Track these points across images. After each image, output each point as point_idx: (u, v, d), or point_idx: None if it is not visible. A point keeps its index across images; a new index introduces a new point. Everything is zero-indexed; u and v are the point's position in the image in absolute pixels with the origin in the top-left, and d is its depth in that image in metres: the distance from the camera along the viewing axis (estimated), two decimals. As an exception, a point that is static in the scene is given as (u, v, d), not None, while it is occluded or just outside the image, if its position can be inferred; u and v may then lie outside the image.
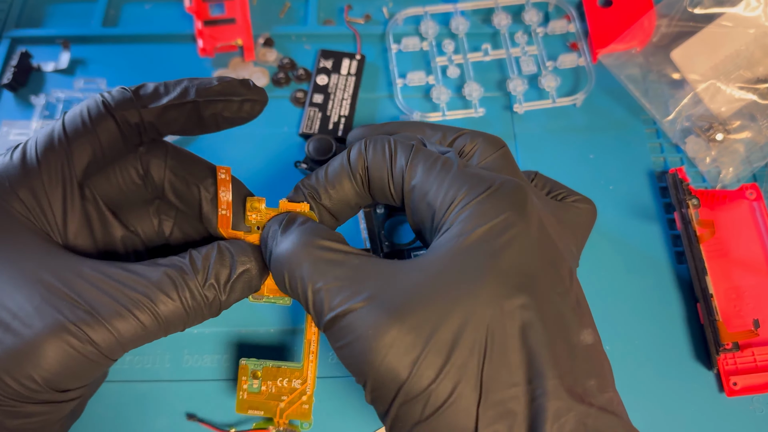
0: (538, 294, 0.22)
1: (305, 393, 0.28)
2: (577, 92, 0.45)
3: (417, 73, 0.46)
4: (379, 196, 0.27)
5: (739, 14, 0.43)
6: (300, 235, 0.25)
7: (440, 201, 0.24)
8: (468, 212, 0.23)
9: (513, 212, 0.23)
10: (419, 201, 0.25)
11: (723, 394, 0.36)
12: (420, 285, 0.22)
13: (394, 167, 0.26)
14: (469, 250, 0.23)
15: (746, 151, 0.42)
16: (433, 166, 0.25)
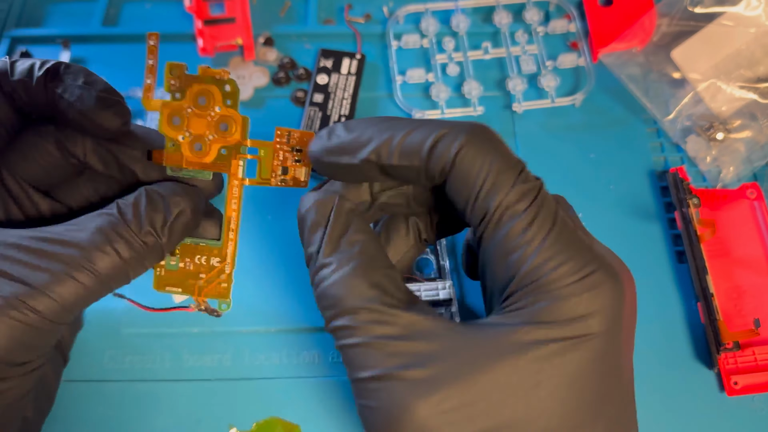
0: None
1: (224, 272, 0.27)
2: (576, 92, 0.45)
3: (417, 70, 0.46)
4: (454, 206, 0.23)
5: (740, 13, 0.43)
6: (355, 269, 0.22)
7: (521, 269, 0.21)
8: (556, 303, 0.20)
9: (604, 315, 0.21)
10: (498, 257, 0.22)
11: (724, 393, 0.36)
12: (472, 379, 0.20)
13: (482, 195, 0.22)
14: (543, 356, 0.20)
15: (747, 151, 0.42)
16: (530, 218, 0.21)
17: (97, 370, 0.37)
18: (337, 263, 0.23)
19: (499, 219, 0.22)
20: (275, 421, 0.35)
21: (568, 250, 0.21)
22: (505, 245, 0.21)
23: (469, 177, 0.22)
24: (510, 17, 0.47)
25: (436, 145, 0.22)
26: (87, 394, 0.36)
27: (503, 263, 0.22)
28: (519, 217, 0.21)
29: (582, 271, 0.21)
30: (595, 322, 0.21)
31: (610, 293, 0.21)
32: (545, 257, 0.21)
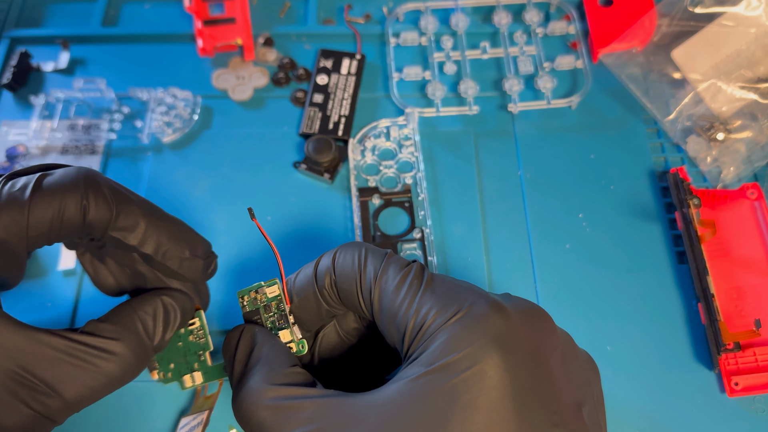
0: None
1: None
2: (573, 94, 0.45)
3: (413, 67, 0.46)
4: (354, 310, 0.26)
5: (740, 13, 0.43)
6: (256, 381, 0.24)
7: (407, 326, 0.23)
8: (435, 342, 0.21)
9: (483, 344, 0.21)
10: (389, 324, 0.24)
11: (724, 394, 0.36)
12: None
13: (363, 283, 0.24)
14: (433, 394, 0.21)
15: (747, 151, 0.42)
16: (402, 284, 0.23)
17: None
18: (246, 375, 0.25)
19: (379, 292, 0.24)
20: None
21: (438, 300, 0.23)
22: (389, 313, 0.23)
23: (348, 273, 0.25)
24: (510, 17, 0.47)
25: (318, 263, 0.26)
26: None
27: (393, 329, 0.24)
28: (392, 282, 0.24)
29: (450, 311, 0.22)
30: (473, 355, 0.21)
31: (481, 324, 0.22)
32: (421, 309, 0.23)
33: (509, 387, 0.21)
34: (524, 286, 0.39)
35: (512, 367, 0.21)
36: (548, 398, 0.22)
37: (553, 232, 0.41)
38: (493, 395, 0.21)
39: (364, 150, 0.43)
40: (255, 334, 0.26)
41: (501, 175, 0.43)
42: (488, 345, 0.21)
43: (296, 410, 0.22)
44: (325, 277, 0.25)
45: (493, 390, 0.21)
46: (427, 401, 0.21)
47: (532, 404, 0.21)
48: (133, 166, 0.43)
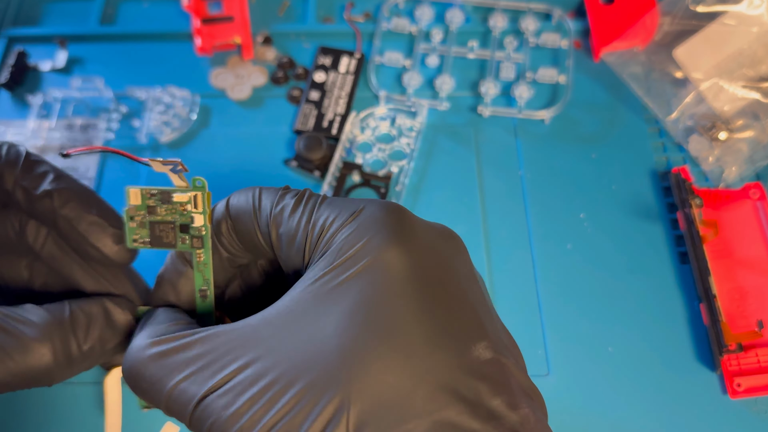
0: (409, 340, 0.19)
1: None
2: (550, 107, 0.44)
3: (395, 53, 0.46)
4: (255, 252, 0.25)
5: (742, 12, 0.42)
6: (137, 341, 0.22)
7: (306, 241, 0.22)
8: (332, 248, 0.20)
9: (383, 237, 0.20)
10: (289, 250, 0.22)
11: (726, 395, 0.36)
12: (270, 349, 0.20)
13: (260, 218, 0.23)
14: (333, 292, 0.20)
15: (749, 150, 0.42)
16: (297, 206, 0.22)
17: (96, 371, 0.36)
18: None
19: (276, 223, 0.22)
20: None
21: (333, 210, 0.22)
22: (289, 239, 0.22)
23: (244, 213, 0.23)
24: (505, 22, 0.47)
25: (213, 210, 0.24)
26: (86, 395, 0.36)
27: (295, 254, 0.22)
28: (288, 208, 0.22)
29: (346, 215, 0.21)
30: (372, 247, 0.20)
31: (377, 219, 0.21)
32: (314, 224, 0.22)
33: (409, 273, 0.20)
34: (525, 286, 0.39)
35: (411, 256, 0.20)
36: (453, 288, 0.21)
37: (555, 232, 0.40)
38: (393, 281, 0.20)
39: (365, 127, 0.43)
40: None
41: (502, 175, 0.42)
42: (386, 237, 0.20)
43: (182, 351, 0.21)
44: (222, 224, 0.23)
45: (393, 276, 0.20)
46: (325, 299, 0.20)
47: (437, 291, 0.20)
48: (130, 165, 0.43)
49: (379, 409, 0.18)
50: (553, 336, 0.37)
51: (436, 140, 0.44)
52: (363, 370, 0.18)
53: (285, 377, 0.19)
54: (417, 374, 0.18)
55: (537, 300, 0.38)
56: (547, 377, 0.36)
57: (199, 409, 0.20)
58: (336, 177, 0.41)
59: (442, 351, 0.19)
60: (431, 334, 0.19)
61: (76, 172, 0.42)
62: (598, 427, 0.35)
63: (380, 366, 0.18)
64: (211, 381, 0.19)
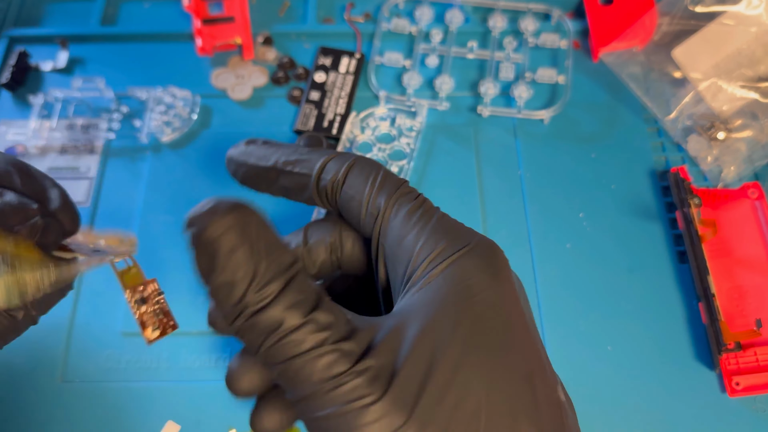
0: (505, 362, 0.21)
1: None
2: (549, 107, 0.44)
3: (395, 53, 0.46)
4: (347, 218, 0.25)
5: (741, 12, 0.42)
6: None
7: (416, 250, 0.23)
8: (446, 270, 0.22)
9: (490, 273, 0.22)
10: (392, 248, 0.24)
11: (725, 394, 0.36)
12: (405, 349, 0.20)
13: (373, 199, 0.24)
14: (451, 308, 0.21)
15: (748, 150, 0.42)
16: (413, 213, 0.24)
17: (95, 371, 0.37)
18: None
19: (393, 209, 0.24)
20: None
21: (452, 230, 0.23)
22: (400, 230, 0.23)
23: (361, 183, 0.24)
24: (505, 22, 0.47)
25: (330, 161, 0.25)
26: (86, 395, 0.36)
27: (400, 247, 0.23)
28: (408, 205, 0.24)
29: (457, 245, 0.23)
30: (480, 280, 0.22)
31: (485, 255, 0.23)
32: (429, 244, 0.23)
33: (517, 314, 0.22)
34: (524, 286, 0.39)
35: (502, 293, 0.22)
36: (533, 333, 0.23)
37: (554, 231, 0.41)
38: (503, 319, 0.22)
39: (365, 127, 0.43)
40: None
41: (501, 175, 0.43)
42: (498, 274, 0.22)
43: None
44: (332, 175, 0.25)
45: (500, 314, 0.22)
46: (450, 314, 0.21)
47: (533, 333, 0.23)
48: (132, 165, 0.43)
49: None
50: (552, 335, 0.38)
51: (436, 140, 0.44)
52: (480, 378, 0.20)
53: None
54: (498, 394, 0.20)
55: (537, 299, 0.39)
56: (547, 376, 0.36)
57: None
58: None
59: (523, 382, 0.21)
60: (533, 367, 0.22)
61: (77, 172, 0.42)
62: (598, 425, 0.35)
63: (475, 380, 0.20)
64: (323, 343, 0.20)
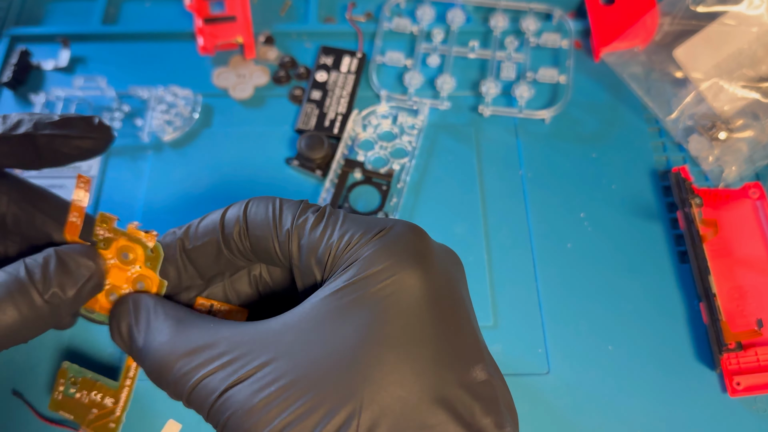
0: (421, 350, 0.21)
1: (114, 413, 0.28)
2: (550, 107, 0.44)
3: (396, 53, 0.46)
4: (265, 259, 0.25)
5: (742, 12, 0.42)
6: (163, 339, 0.23)
7: (329, 254, 0.23)
8: (355, 262, 0.22)
9: (404, 257, 0.22)
10: (308, 260, 0.23)
11: (726, 394, 0.36)
12: (290, 352, 0.21)
13: (279, 228, 0.24)
14: (352, 304, 0.21)
15: (749, 150, 0.42)
16: (320, 221, 0.23)
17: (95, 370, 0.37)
18: (149, 338, 0.23)
19: (297, 234, 0.24)
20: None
21: (358, 227, 0.23)
22: (309, 251, 0.23)
23: (264, 221, 0.24)
24: (506, 22, 0.47)
25: (225, 214, 0.25)
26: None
27: (315, 265, 0.23)
28: (310, 221, 0.24)
29: (372, 232, 0.23)
30: (402, 264, 0.22)
31: (402, 240, 0.23)
32: (340, 239, 0.23)
33: (426, 295, 0.22)
34: (525, 285, 0.39)
35: (430, 280, 0.22)
36: (461, 312, 0.23)
37: (555, 231, 0.41)
38: (411, 301, 0.21)
39: (366, 125, 0.43)
40: (138, 299, 0.25)
41: (502, 174, 0.43)
42: (409, 258, 0.22)
43: (210, 348, 0.22)
44: (234, 226, 0.24)
45: (412, 297, 0.21)
46: (346, 311, 0.21)
47: (447, 314, 0.22)
48: (133, 164, 0.43)
49: (387, 419, 0.20)
50: (553, 334, 0.38)
51: (438, 138, 0.44)
52: (377, 382, 0.20)
53: (303, 381, 0.20)
54: (423, 390, 0.20)
55: (537, 298, 0.39)
56: (547, 375, 0.36)
57: (219, 402, 0.21)
58: (338, 174, 0.41)
59: (446, 370, 0.21)
60: (439, 354, 0.21)
61: (78, 171, 0.42)
62: (598, 425, 0.35)
63: (392, 379, 0.20)
64: (234, 377, 0.21)
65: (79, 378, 0.28)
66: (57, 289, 0.24)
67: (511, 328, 0.38)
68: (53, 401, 0.28)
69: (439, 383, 0.20)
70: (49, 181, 0.42)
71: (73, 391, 0.28)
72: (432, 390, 0.20)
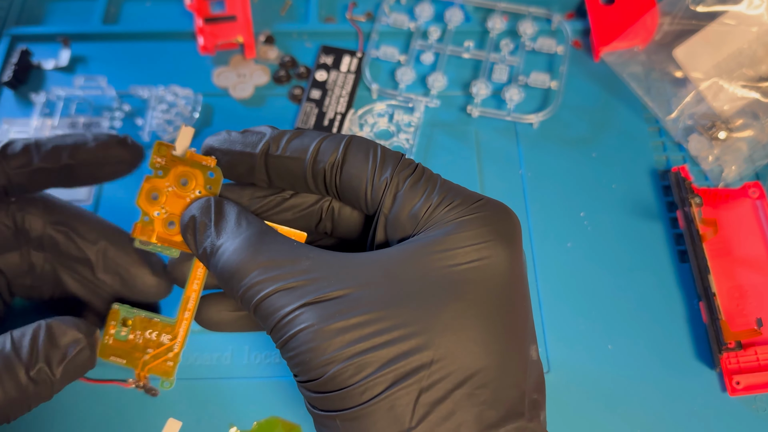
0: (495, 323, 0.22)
1: (172, 350, 0.27)
2: (537, 112, 0.44)
3: (390, 48, 0.46)
4: (347, 198, 0.25)
5: (742, 12, 0.43)
6: (245, 244, 0.23)
7: (426, 210, 0.23)
8: (451, 226, 0.22)
9: (497, 239, 0.23)
10: (400, 212, 0.23)
11: (726, 393, 0.36)
12: (375, 287, 0.21)
13: (378, 174, 0.24)
14: (442, 270, 0.22)
15: (749, 150, 0.42)
16: (419, 177, 0.24)
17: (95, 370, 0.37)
18: (228, 241, 0.23)
19: (396, 185, 0.24)
20: (275, 420, 0.35)
21: (458, 193, 0.24)
22: (405, 203, 0.23)
23: (362, 161, 0.24)
24: (504, 24, 0.47)
25: (323, 143, 0.24)
26: (86, 394, 0.36)
27: (407, 218, 0.23)
28: (411, 176, 0.24)
29: (471, 201, 0.24)
30: (496, 240, 0.23)
31: (498, 216, 0.24)
32: (439, 200, 0.23)
33: (510, 274, 0.23)
34: (525, 285, 0.39)
35: (515, 261, 0.23)
36: (527, 293, 0.24)
37: (555, 230, 0.41)
38: (496, 276, 0.22)
39: (363, 124, 0.43)
40: (229, 205, 0.24)
41: (502, 174, 0.43)
42: (502, 235, 0.23)
43: (291, 264, 0.22)
44: (330, 156, 0.24)
45: (497, 272, 0.22)
46: (436, 265, 0.22)
47: (520, 295, 0.23)
48: (133, 163, 0.43)
49: (459, 372, 0.21)
50: (553, 334, 0.38)
51: (434, 137, 0.44)
52: (456, 333, 0.21)
53: (384, 318, 0.20)
54: (492, 355, 0.21)
55: (537, 298, 0.39)
56: (548, 375, 0.36)
57: (290, 316, 0.21)
58: None
59: (514, 343, 0.22)
60: (511, 330, 0.22)
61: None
62: (598, 424, 0.35)
63: (469, 336, 0.21)
64: (312, 295, 0.21)
65: (131, 318, 0.27)
66: (44, 365, 0.23)
67: (511, 328, 0.38)
68: (103, 346, 0.27)
69: (506, 354, 0.21)
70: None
71: (124, 334, 0.27)
72: (499, 357, 0.21)
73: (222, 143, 0.25)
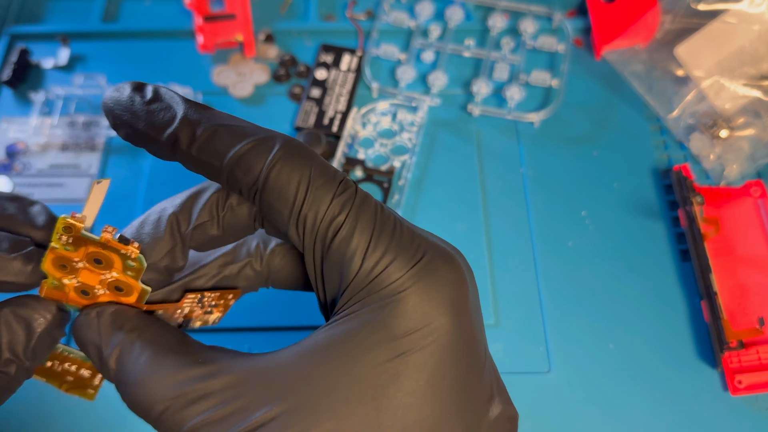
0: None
1: (93, 382, 0.25)
2: (539, 110, 0.44)
3: (390, 46, 0.46)
4: (271, 231, 0.22)
5: (744, 10, 0.42)
6: (145, 369, 0.20)
7: (356, 272, 0.20)
8: (386, 298, 0.19)
9: (437, 305, 0.20)
10: (333, 266, 0.20)
11: (727, 392, 0.36)
12: (307, 397, 0.19)
13: (303, 211, 0.20)
14: (373, 349, 0.19)
15: (751, 148, 0.42)
16: (352, 226, 0.20)
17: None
18: (126, 374, 0.21)
19: (324, 233, 0.20)
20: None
21: (394, 247, 0.20)
22: (334, 257, 0.20)
23: (287, 193, 0.20)
24: (504, 23, 0.47)
25: (248, 152, 0.20)
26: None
27: (336, 275, 0.20)
28: (342, 227, 0.20)
29: (411, 262, 0.20)
30: (439, 311, 0.20)
31: (444, 275, 0.20)
32: (374, 260, 0.20)
33: (456, 345, 0.20)
34: (526, 283, 0.39)
35: (461, 329, 0.20)
36: (480, 352, 0.21)
37: (556, 229, 0.41)
38: (439, 355, 0.20)
39: (366, 123, 0.43)
40: (105, 317, 0.21)
41: (503, 172, 0.42)
42: (443, 305, 0.20)
43: (204, 394, 0.19)
44: (248, 177, 0.20)
45: (442, 347, 0.20)
46: (372, 354, 0.19)
47: (471, 361, 0.21)
48: (133, 163, 0.43)
49: None
50: (554, 333, 0.37)
51: (437, 136, 0.44)
52: (408, 429, 0.19)
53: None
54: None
55: (538, 297, 0.38)
56: (549, 374, 0.36)
57: None
58: None
59: (469, 414, 0.20)
60: (462, 399, 0.20)
61: (78, 169, 0.42)
62: (599, 424, 0.35)
63: (424, 426, 0.19)
64: (233, 429, 0.18)
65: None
66: (9, 354, 0.21)
67: (512, 327, 0.38)
68: None
69: (469, 427, 0.20)
70: (49, 179, 0.42)
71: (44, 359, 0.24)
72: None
73: (124, 111, 0.21)
